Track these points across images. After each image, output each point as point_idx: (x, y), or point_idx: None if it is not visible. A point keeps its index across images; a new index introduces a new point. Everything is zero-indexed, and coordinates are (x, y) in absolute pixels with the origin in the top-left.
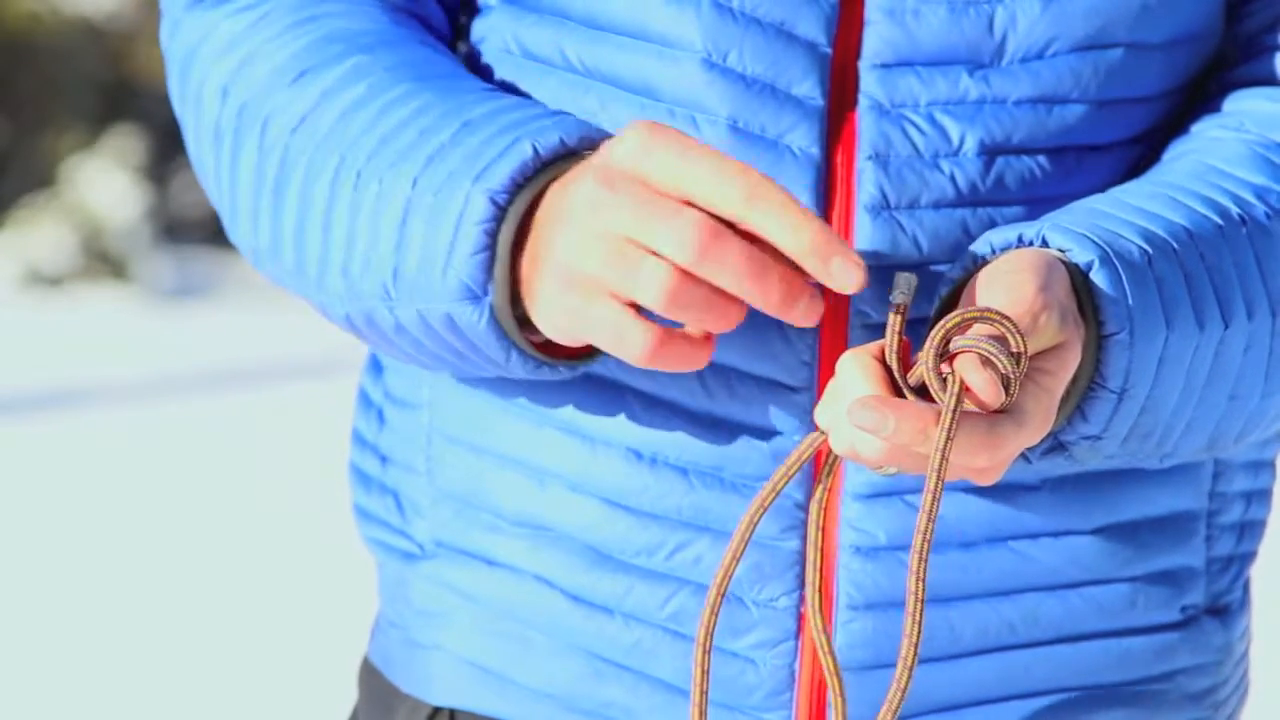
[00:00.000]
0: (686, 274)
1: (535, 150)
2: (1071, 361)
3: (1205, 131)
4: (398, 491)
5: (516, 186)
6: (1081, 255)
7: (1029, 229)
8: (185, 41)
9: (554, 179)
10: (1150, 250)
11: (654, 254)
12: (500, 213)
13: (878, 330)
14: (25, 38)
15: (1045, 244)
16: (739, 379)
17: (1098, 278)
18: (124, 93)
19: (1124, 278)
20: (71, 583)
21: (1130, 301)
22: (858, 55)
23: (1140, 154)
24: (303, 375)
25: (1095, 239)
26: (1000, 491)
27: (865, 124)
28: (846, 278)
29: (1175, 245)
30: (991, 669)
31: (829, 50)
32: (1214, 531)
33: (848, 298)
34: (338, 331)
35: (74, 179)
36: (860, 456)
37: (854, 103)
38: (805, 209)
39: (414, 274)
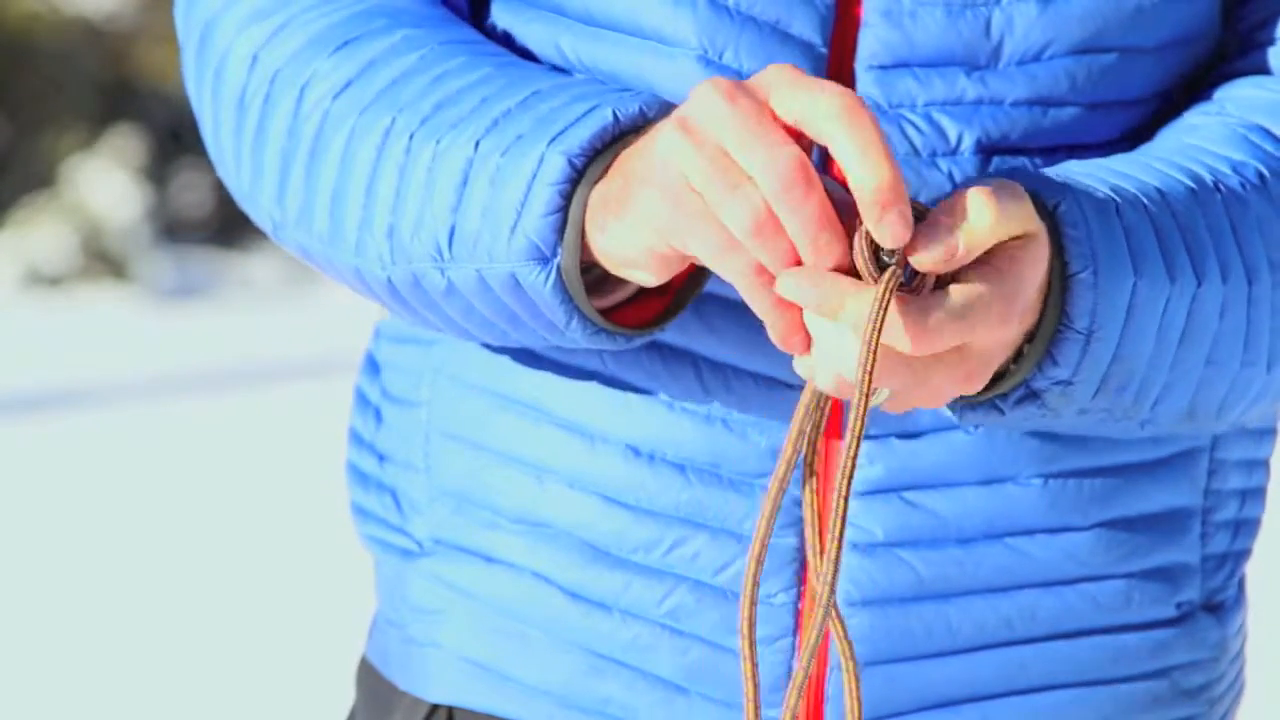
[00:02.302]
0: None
1: (616, 117)
2: (1038, 253)
3: (1188, 117)
4: (396, 489)
5: (595, 151)
6: (1048, 197)
7: (1002, 174)
8: (204, 11)
9: (625, 147)
10: (1119, 200)
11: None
12: (576, 175)
13: None
14: (25, 38)
15: None
16: (736, 375)
17: (1063, 217)
18: (124, 93)
19: (1089, 219)
20: (72, 582)
21: (1095, 242)
22: (854, 56)
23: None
24: (302, 375)
25: (1063, 184)
26: (997, 488)
27: None
28: (892, 233)
29: (1146, 201)
30: (988, 665)
31: (825, 50)
32: (1209, 529)
33: None
34: (337, 332)
35: (74, 179)
36: (848, 381)
37: None
38: (889, 157)
39: (475, 234)
